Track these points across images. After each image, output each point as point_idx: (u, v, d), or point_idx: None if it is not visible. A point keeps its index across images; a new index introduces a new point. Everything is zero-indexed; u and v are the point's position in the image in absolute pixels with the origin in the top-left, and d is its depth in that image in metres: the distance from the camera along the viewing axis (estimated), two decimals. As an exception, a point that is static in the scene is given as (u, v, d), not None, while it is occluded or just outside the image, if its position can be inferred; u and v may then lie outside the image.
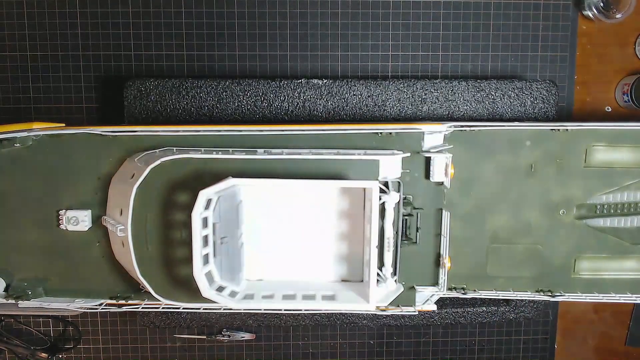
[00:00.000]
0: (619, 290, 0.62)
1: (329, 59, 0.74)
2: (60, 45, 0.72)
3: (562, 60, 0.75)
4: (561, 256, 0.62)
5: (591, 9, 0.72)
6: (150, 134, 0.56)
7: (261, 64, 0.74)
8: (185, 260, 0.53)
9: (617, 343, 0.80)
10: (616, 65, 0.76)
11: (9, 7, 0.71)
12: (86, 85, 0.73)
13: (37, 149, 0.56)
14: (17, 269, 0.58)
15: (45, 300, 0.58)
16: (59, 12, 0.72)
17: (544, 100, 0.70)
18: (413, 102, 0.70)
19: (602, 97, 0.77)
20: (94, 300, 0.58)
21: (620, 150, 0.60)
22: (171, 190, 0.53)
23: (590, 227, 0.61)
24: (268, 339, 0.77)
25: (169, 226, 0.53)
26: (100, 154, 0.56)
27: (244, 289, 0.54)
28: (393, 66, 0.74)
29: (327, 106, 0.70)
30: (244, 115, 0.70)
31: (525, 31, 0.74)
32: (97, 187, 0.57)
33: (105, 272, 0.58)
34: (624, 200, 0.61)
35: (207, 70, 0.73)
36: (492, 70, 0.75)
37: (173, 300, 0.55)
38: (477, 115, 0.71)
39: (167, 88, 0.69)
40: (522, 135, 0.59)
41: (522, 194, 0.60)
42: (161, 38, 0.73)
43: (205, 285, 0.48)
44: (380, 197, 0.51)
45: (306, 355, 0.78)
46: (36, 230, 0.57)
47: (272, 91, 0.70)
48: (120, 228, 0.52)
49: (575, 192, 0.60)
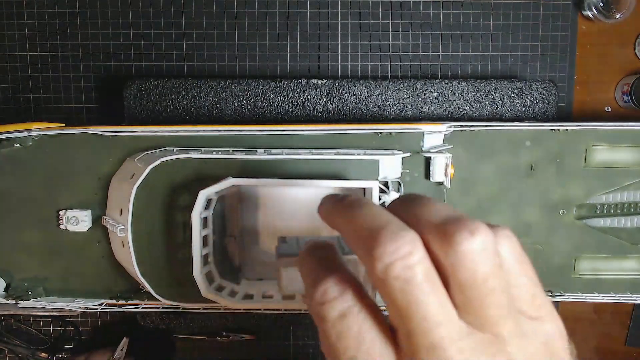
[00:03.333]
0: (619, 290, 0.62)
1: (329, 59, 0.74)
2: (60, 45, 0.72)
3: (562, 60, 0.75)
4: (561, 256, 0.61)
5: (591, 9, 0.72)
6: (150, 134, 0.56)
7: (261, 64, 0.74)
8: (185, 260, 0.53)
9: (617, 343, 0.80)
10: (616, 65, 0.76)
11: (9, 7, 0.71)
12: (86, 85, 0.73)
13: (37, 149, 0.56)
14: (17, 269, 0.58)
15: (45, 300, 0.58)
16: (58, 12, 0.72)
17: (544, 100, 0.70)
18: (413, 102, 0.70)
19: (602, 97, 0.76)
20: (94, 300, 0.58)
21: (620, 150, 0.60)
22: (171, 190, 0.53)
23: (590, 227, 0.61)
24: (268, 339, 0.77)
25: (169, 226, 0.53)
26: (100, 154, 0.56)
27: (243, 289, 0.54)
28: (393, 66, 0.74)
29: (327, 106, 0.70)
30: (244, 115, 0.70)
31: (525, 31, 0.74)
32: (97, 187, 0.57)
33: (105, 272, 0.58)
34: (624, 200, 0.61)
35: (207, 70, 0.73)
36: (492, 70, 0.75)
37: (173, 300, 0.55)
38: (477, 115, 0.71)
39: (167, 88, 0.69)
40: (522, 135, 0.59)
41: (522, 194, 0.60)
42: (161, 38, 0.73)
43: (205, 285, 0.49)
44: (380, 197, 0.51)
45: (306, 355, 0.78)
46: (36, 230, 0.57)
47: (272, 91, 0.69)
48: (120, 228, 0.52)
49: (575, 192, 0.60)
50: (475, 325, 0.20)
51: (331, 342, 0.21)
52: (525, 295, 0.22)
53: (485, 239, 0.20)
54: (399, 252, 0.20)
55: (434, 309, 0.20)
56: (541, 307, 0.23)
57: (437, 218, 0.21)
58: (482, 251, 0.20)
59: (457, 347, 0.19)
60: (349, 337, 0.21)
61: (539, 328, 0.22)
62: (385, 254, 0.20)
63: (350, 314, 0.21)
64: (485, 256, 0.20)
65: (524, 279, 0.22)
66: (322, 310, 0.21)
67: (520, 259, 0.23)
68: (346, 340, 0.21)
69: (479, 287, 0.20)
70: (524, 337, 0.21)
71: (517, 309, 0.22)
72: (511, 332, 0.21)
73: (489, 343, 0.20)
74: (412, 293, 0.19)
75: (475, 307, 0.20)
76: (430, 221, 0.21)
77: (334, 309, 0.21)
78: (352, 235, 0.22)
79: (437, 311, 0.20)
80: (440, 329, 0.19)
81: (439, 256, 0.20)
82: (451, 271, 0.20)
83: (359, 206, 0.22)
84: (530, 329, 0.22)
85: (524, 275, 0.23)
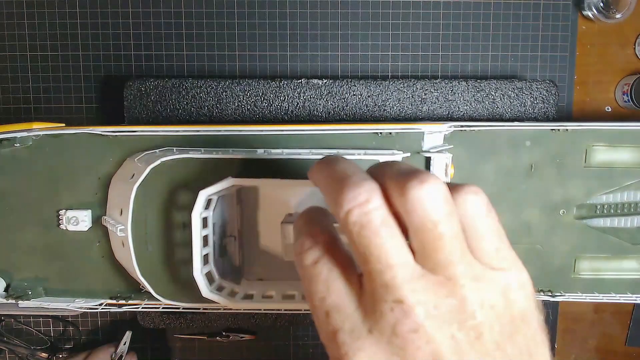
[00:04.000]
0: (619, 290, 0.62)
1: (329, 59, 0.74)
2: (60, 45, 0.72)
3: (562, 60, 0.75)
4: (561, 256, 0.61)
5: (591, 9, 0.72)
6: (150, 134, 0.56)
7: (261, 64, 0.74)
8: (185, 260, 0.53)
9: (617, 343, 0.80)
10: (616, 65, 0.76)
11: (9, 7, 0.71)
12: (86, 85, 0.73)
13: (37, 149, 0.56)
14: (17, 269, 0.58)
15: (45, 300, 0.58)
16: (59, 12, 0.72)
17: (544, 100, 0.70)
18: (413, 102, 0.70)
19: (602, 97, 0.77)
20: (94, 300, 0.58)
21: (620, 150, 0.60)
22: (171, 190, 0.53)
23: (590, 227, 0.61)
24: (268, 339, 0.77)
25: (169, 226, 0.53)
26: (100, 154, 0.56)
27: (243, 289, 0.54)
28: (393, 66, 0.74)
29: (327, 106, 0.70)
30: (244, 115, 0.70)
31: (525, 31, 0.74)
32: (97, 187, 0.56)
33: (105, 272, 0.58)
34: (624, 200, 0.61)
35: (207, 70, 0.73)
36: (492, 70, 0.75)
37: (173, 300, 0.55)
38: (477, 115, 0.71)
39: (167, 88, 0.69)
40: (522, 135, 0.59)
41: (522, 194, 0.60)
42: (161, 38, 0.73)
43: (205, 285, 0.48)
44: (380, 197, 0.51)
45: (306, 355, 0.78)
46: (36, 230, 0.57)
47: (272, 91, 0.69)
48: (120, 228, 0.52)
49: (575, 192, 0.60)
50: (429, 268, 0.22)
51: (306, 286, 0.24)
52: (488, 246, 0.23)
53: (434, 187, 0.22)
54: (357, 199, 0.22)
55: (388, 251, 0.21)
56: (504, 259, 0.24)
57: (397, 172, 0.23)
58: (431, 198, 0.21)
59: (410, 287, 0.21)
60: (319, 281, 0.23)
61: (497, 277, 0.23)
62: (346, 201, 0.22)
63: (320, 261, 0.24)
64: (434, 203, 0.21)
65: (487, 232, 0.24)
66: (299, 259, 0.24)
67: (485, 213, 0.24)
68: (317, 284, 0.23)
69: (430, 231, 0.21)
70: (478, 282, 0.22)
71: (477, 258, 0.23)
72: (464, 275, 0.22)
73: (441, 285, 0.22)
74: (367, 237, 0.21)
75: (428, 251, 0.22)
76: (391, 175, 0.23)
77: (307, 258, 0.24)
78: (325, 187, 0.25)
79: (391, 253, 0.21)
80: (393, 270, 0.21)
81: (397, 206, 0.22)
82: (407, 218, 0.22)
83: (334, 163, 0.25)
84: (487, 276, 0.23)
85: (488, 228, 0.24)
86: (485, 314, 0.22)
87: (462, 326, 0.21)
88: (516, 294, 0.23)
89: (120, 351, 0.70)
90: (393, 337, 0.21)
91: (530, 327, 0.23)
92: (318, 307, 0.23)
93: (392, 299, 0.21)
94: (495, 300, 0.22)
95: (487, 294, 0.22)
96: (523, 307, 0.23)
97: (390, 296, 0.21)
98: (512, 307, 0.23)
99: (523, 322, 0.23)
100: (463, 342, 0.21)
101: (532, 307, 0.24)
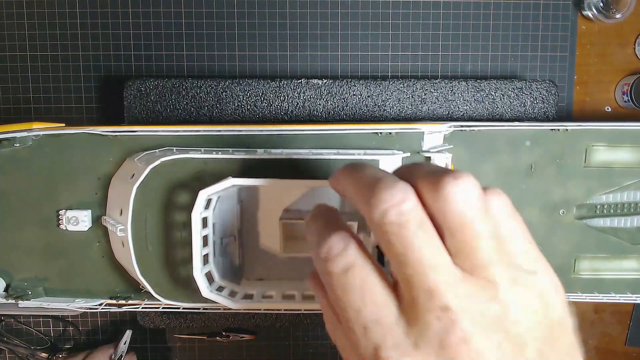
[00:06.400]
0: (619, 290, 0.62)
1: (329, 59, 0.74)
2: (60, 45, 0.72)
3: (562, 60, 0.75)
4: (561, 256, 0.61)
5: (591, 9, 0.72)
6: (150, 134, 0.56)
7: (261, 64, 0.74)
8: (185, 260, 0.53)
9: (617, 343, 0.80)
10: (616, 65, 0.76)
11: (9, 7, 0.71)
12: (86, 85, 0.73)
13: (37, 149, 0.56)
14: (17, 269, 0.58)
15: (45, 300, 0.58)
16: (59, 12, 0.72)
17: (544, 100, 0.70)
18: (413, 102, 0.70)
19: (602, 97, 0.77)
20: (94, 300, 0.58)
21: (620, 150, 0.60)
22: (171, 190, 0.53)
23: (590, 227, 0.61)
24: (268, 339, 0.77)
25: (169, 226, 0.53)
26: (100, 154, 0.56)
27: (243, 289, 0.53)
28: (393, 66, 0.74)
29: (327, 106, 0.70)
30: (244, 115, 0.70)
31: (525, 31, 0.74)
32: (97, 187, 0.56)
33: (105, 272, 0.58)
34: (624, 200, 0.61)
35: (207, 70, 0.73)
36: (492, 70, 0.75)
37: (173, 300, 0.55)
38: (477, 115, 0.71)
39: (167, 88, 0.69)
40: (522, 135, 0.59)
41: (522, 194, 0.60)
42: (161, 38, 0.73)
43: (205, 285, 0.48)
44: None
45: (306, 355, 0.78)
46: (36, 230, 0.57)
47: (272, 91, 0.69)
48: (120, 228, 0.52)
49: (575, 192, 0.60)
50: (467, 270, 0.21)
51: (337, 296, 0.22)
52: (518, 249, 0.23)
53: (468, 183, 0.21)
54: (393, 200, 0.21)
55: (429, 252, 0.20)
56: (535, 261, 0.23)
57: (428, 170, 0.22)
58: (467, 195, 0.20)
59: (454, 292, 0.20)
60: (353, 290, 0.21)
61: (533, 280, 0.22)
62: (381, 202, 0.21)
63: (353, 267, 0.22)
64: (470, 200, 0.21)
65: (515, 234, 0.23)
66: (327, 266, 0.22)
67: (512, 215, 0.23)
68: (351, 293, 0.21)
69: (467, 230, 0.20)
70: (517, 286, 0.21)
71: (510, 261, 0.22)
72: (503, 278, 0.21)
73: (482, 288, 0.20)
74: (406, 237, 0.20)
75: (466, 251, 0.21)
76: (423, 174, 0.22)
77: (338, 264, 0.22)
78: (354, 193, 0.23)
79: (432, 255, 0.20)
80: (436, 273, 0.20)
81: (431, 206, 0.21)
82: (442, 217, 0.21)
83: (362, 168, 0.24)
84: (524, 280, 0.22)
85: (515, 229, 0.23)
86: (527, 320, 0.21)
87: (507, 335, 0.20)
88: (553, 299, 0.22)
89: (120, 351, 0.70)
90: (441, 350, 0.19)
91: (568, 334, 0.22)
92: (353, 320, 0.21)
93: (438, 306, 0.19)
94: (536, 306, 0.21)
95: (526, 299, 0.21)
96: (560, 313, 0.22)
97: (436, 303, 0.19)
98: (551, 312, 0.22)
99: (561, 329, 0.22)
100: (508, 352, 0.20)
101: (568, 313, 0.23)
